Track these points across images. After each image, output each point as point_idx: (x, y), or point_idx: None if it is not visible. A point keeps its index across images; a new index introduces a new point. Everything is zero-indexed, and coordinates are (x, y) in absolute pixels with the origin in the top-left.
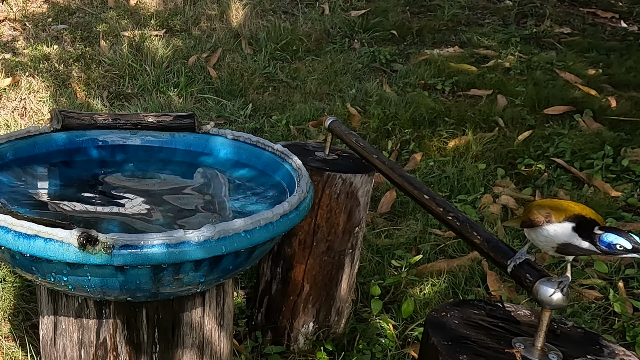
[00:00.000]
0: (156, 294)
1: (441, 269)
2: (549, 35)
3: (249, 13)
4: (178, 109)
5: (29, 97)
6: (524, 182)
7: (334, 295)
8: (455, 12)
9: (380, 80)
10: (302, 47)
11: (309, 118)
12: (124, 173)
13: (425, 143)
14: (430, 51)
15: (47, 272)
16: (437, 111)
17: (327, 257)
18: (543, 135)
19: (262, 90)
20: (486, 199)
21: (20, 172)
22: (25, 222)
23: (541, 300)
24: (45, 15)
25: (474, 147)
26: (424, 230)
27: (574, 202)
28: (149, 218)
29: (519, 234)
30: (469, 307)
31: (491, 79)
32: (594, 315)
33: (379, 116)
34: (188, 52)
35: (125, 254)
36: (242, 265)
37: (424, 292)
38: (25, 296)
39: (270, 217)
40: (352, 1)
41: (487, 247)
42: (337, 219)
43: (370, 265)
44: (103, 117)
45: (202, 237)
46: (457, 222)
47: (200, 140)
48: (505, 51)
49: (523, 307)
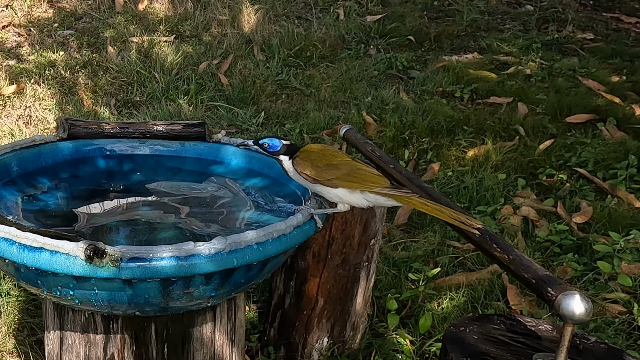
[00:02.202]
0: (165, 308)
1: (460, 282)
2: (571, 41)
3: (261, 18)
4: (188, 117)
5: (34, 105)
6: (546, 192)
7: (349, 310)
8: (475, 17)
9: (397, 88)
10: (316, 53)
11: (323, 127)
12: (132, 183)
13: (443, 152)
14: (449, 57)
15: (53, 285)
16: (455, 119)
17: (342, 270)
18: (565, 144)
19: (274, 97)
20: (506, 210)
21: (25, 182)
22: (30, 234)
23: (563, 315)
24: (50, 21)
25: (494, 156)
26: (442, 243)
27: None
28: (158, 230)
29: (540, 246)
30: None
31: (511, 86)
32: (618, 330)
33: (396, 125)
34: (198, 58)
35: (134, 267)
36: (254, 279)
37: (442, 306)
38: (30, 310)
39: (284, 229)
40: (367, 6)
41: (507, 260)
42: (353, 230)
43: (386, 279)
44: (111, 125)
45: (212, 250)
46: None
47: (211, 149)
48: (526, 57)
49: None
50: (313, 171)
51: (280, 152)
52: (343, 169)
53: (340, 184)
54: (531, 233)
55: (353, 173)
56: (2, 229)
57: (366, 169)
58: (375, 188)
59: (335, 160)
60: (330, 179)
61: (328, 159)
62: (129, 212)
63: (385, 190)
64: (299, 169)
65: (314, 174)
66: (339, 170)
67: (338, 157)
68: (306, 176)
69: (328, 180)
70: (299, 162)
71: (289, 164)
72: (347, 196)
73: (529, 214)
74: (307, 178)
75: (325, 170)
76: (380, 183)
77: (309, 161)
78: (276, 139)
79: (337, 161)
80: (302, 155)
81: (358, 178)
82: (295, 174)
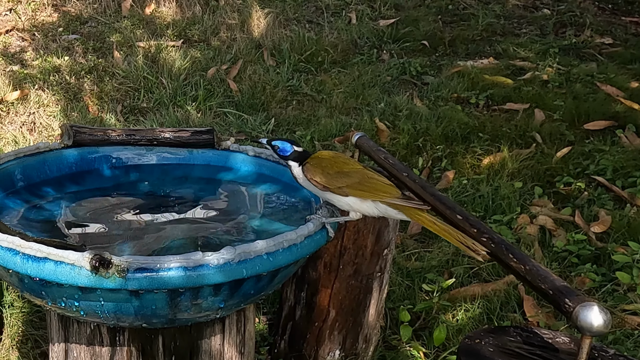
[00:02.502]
0: (173, 320)
1: (475, 293)
2: (590, 45)
3: (271, 22)
4: (196, 124)
5: (38, 111)
6: (563, 201)
7: (362, 322)
8: (490, 21)
9: (411, 94)
10: (328, 58)
11: (335, 134)
12: (138, 191)
13: (458, 160)
14: (464, 63)
15: (58, 296)
16: (470, 126)
17: (354, 281)
18: (583, 151)
19: (285, 104)
20: (523, 220)
21: (29, 191)
22: (35, 243)
23: (581, 327)
24: (55, 25)
25: (510, 164)
26: (457, 253)
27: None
28: (165, 239)
29: (557, 256)
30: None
31: (528, 92)
32: (637, 343)
33: (409, 132)
34: (207, 63)
35: (141, 278)
36: (264, 290)
37: (457, 318)
38: (34, 322)
39: (294, 239)
40: (380, 10)
41: (523, 270)
42: (365, 240)
43: (399, 290)
44: (117, 132)
45: (221, 260)
46: (492, 243)
47: (219, 157)
48: (543, 63)
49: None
50: (323, 178)
51: (290, 157)
52: (354, 177)
53: (350, 193)
54: (548, 243)
55: (364, 182)
56: (5, 239)
57: (378, 177)
58: (386, 198)
59: (346, 167)
60: (341, 187)
61: (339, 166)
62: (135, 221)
63: (396, 200)
64: (309, 175)
65: (324, 182)
66: (350, 179)
67: (349, 164)
68: (316, 183)
69: (338, 188)
70: (309, 168)
71: (299, 171)
72: (357, 204)
73: (546, 223)
74: (317, 185)
75: (336, 178)
76: (391, 193)
77: (319, 168)
78: (288, 144)
79: (349, 169)
80: (312, 161)
81: (369, 187)
82: (305, 180)
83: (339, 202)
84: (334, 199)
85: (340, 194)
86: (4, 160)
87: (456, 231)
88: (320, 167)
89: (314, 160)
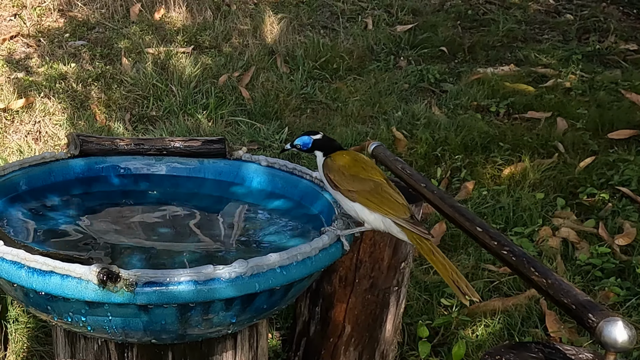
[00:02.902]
0: (183, 335)
1: (495, 308)
2: (614, 52)
3: (284, 28)
4: (207, 133)
5: (43, 120)
6: (586, 213)
7: (378, 337)
8: (511, 26)
9: (429, 102)
10: (343, 65)
11: (350, 143)
12: (147, 202)
13: (477, 170)
14: (484, 70)
15: (64, 311)
16: (490, 135)
17: (370, 295)
18: (607, 161)
19: (299, 112)
20: (545, 232)
21: (34, 202)
22: (40, 256)
23: (605, 343)
24: (61, 31)
25: (532, 174)
26: (477, 266)
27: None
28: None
29: (580, 269)
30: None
31: (550, 100)
32: None
33: (427, 141)
34: (218, 70)
35: (150, 292)
36: (278, 304)
37: (477, 333)
38: (40, 338)
39: (308, 252)
40: (397, 15)
41: (545, 284)
42: (382, 253)
43: (417, 304)
44: (125, 142)
45: (233, 274)
46: (513, 257)
47: (231, 167)
48: (566, 70)
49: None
50: (337, 177)
51: (314, 148)
52: (367, 185)
53: (358, 199)
54: (571, 256)
55: (375, 192)
56: (10, 252)
57: (392, 192)
58: (391, 215)
59: (363, 173)
60: (351, 191)
61: (357, 169)
62: (144, 233)
63: (400, 221)
64: (325, 170)
65: (337, 180)
66: (362, 185)
67: (368, 171)
68: (329, 180)
69: (348, 191)
70: (329, 163)
71: (321, 161)
72: (364, 213)
73: (568, 235)
74: (329, 182)
75: (349, 181)
76: (397, 212)
77: (336, 166)
78: (305, 137)
79: (365, 175)
80: (335, 157)
81: (377, 199)
82: (322, 173)
83: (346, 205)
84: (341, 201)
85: (349, 198)
86: (8, 170)
87: (453, 268)
88: (339, 164)
89: (337, 156)
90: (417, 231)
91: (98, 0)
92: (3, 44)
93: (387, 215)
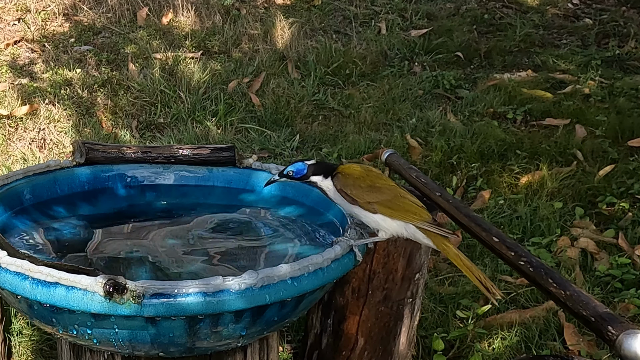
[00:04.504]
0: (192, 348)
1: (512, 320)
2: (634, 57)
3: (296, 33)
4: (216, 141)
5: (48, 127)
6: (606, 222)
7: (392, 350)
8: (529, 31)
9: (444, 108)
10: (356, 71)
11: (363, 151)
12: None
13: (494, 179)
14: (500, 75)
15: (69, 324)
16: (507, 143)
17: (384, 307)
18: (627, 170)
19: (310, 119)
20: (563, 242)
21: (38, 212)
22: (45, 267)
23: (625, 356)
24: (66, 35)
25: (550, 183)
26: (493, 277)
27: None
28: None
29: (600, 280)
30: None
31: (568, 107)
32: None
33: (443, 149)
34: (227, 76)
35: (157, 304)
36: (289, 317)
37: (493, 346)
38: (44, 351)
39: (320, 262)
40: (412, 19)
41: (564, 296)
42: (396, 264)
43: (432, 317)
44: (132, 149)
45: (243, 285)
46: (531, 267)
47: (241, 175)
48: (585, 75)
49: None
50: (354, 191)
51: (309, 174)
52: (386, 194)
53: (380, 210)
54: (590, 267)
55: (396, 200)
56: (13, 263)
57: (410, 198)
58: (415, 221)
59: (379, 182)
60: (371, 202)
61: (372, 180)
62: (151, 244)
63: (425, 225)
64: (339, 186)
65: (355, 194)
66: (382, 195)
67: (382, 179)
68: (345, 195)
69: (368, 203)
70: (340, 179)
71: (329, 183)
72: (387, 223)
73: (587, 245)
74: (346, 198)
75: (367, 192)
76: (422, 216)
77: (351, 180)
78: (298, 163)
79: (381, 184)
80: (344, 172)
81: (400, 206)
82: (335, 192)
83: (366, 218)
84: (361, 214)
85: (369, 210)
86: (12, 179)
87: (478, 270)
88: (352, 178)
89: (346, 171)
90: (442, 232)
91: (104, 4)
92: (7, 49)
93: (412, 221)
